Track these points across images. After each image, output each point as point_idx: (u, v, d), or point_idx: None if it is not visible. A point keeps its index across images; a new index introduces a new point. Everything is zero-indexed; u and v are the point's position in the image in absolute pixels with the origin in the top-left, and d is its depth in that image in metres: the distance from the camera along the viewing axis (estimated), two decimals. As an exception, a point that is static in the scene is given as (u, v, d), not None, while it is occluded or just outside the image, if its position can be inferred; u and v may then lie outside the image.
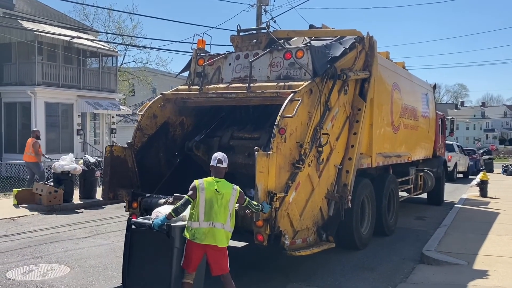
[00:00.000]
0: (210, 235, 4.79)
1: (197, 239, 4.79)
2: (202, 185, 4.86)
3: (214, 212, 4.80)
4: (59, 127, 21.16)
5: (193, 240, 4.80)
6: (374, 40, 8.14)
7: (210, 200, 4.80)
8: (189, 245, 4.87)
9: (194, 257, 4.87)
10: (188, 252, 4.88)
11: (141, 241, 5.27)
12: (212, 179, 4.95)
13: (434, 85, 14.34)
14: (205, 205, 4.79)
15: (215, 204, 4.81)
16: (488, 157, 32.46)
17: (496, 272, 6.62)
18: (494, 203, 13.73)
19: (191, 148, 7.67)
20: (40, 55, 20.72)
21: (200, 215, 4.79)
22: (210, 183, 4.90)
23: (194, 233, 4.80)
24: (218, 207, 4.82)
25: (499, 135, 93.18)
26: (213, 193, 4.83)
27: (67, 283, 6.14)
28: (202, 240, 4.79)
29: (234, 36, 7.89)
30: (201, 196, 4.81)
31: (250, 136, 7.46)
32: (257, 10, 19.03)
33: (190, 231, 4.83)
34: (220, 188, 4.88)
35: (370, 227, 8.47)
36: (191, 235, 4.82)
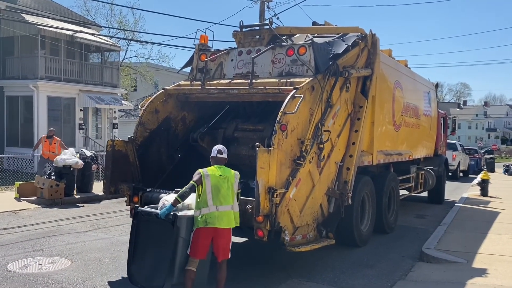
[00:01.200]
0: (221, 218, 4.97)
1: (210, 223, 4.93)
2: (206, 172, 5.06)
3: (222, 196, 5.01)
4: (61, 121, 21.17)
5: (206, 225, 4.93)
6: (377, 38, 8.13)
7: (216, 185, 5.01)
8: (196, 232, 4.98)
9: (201, 244, 4.99)
10: (196, 239, 4.99)
11: (147, 230, 5.38)
12: (214, 167, 5.19)
13: (437, 84, 14.32)
14: (212, 190, 4.99)
15: (221, 188, 5.03)
16: (489, 156, 32.44)
17: (495, 270, 6.64)
18: (495, 203, 13.73)
19: (196, 139, 7.72)
20: (42, 49, 20.72)
21: (209, 200, 4.97)
22: (213, 170, 5.13)
23: (206, 218, 4.95)
24: (225, 190, 5.04)
25: (501, 134, 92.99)
26: (218, 178, 5.06)
27: (67, 276, 6.18)
28: (215, 223, 4.95)
29: (237, 32, 7.88)
30: (207, 182, 5.00)
31: (254, 128, 7.50)
32: (260, 6, 19.01)
33: (201, 218, 4.96)
34: (223, 173, 5.14)
35: (370, 224, 8.48)
36: (202, 221, 4.95)
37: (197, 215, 5.02)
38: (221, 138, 7.68)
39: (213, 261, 5.25)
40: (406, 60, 11.47)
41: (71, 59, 21.98)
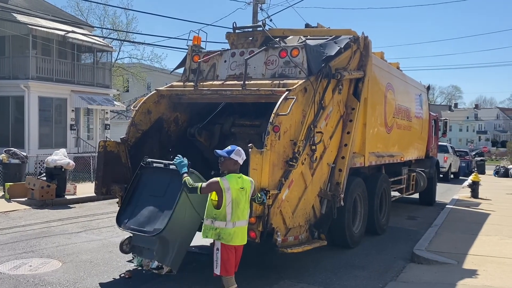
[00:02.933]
0: (236, 236, 4.68)
1: (223, 239, 4.65)
2: (227, 186, 4.63)
3: (240, 211, 4.68)
4: (53, 122, 21.06)
5: (218, 240, 4.67)
6: (369, 40, 8.18)
7: (236, 200, 4.66)
8: (225, 251, 4.68)
9: (231, 258, 4.73)
10: (225, 255, 4.69)
11: (148, 179, 5.71)
12: (234, 176, 4.73)
13: (428, 86, 14.42)
14: (232, 205, 4.64)
15: (241, 203, 4.68)
16: (480, 158, 32.71)
17: (486, 271, 6.70)
18: (485, 204, 13.85)
19: (193, 134, 7.75)
20: (34, 49, 20.59)
21: (227, 215, 4.63)
22: (233, 181, 4.68)
23: (220, 233, 4.65)
24: (243, 204, 4.72)
25: (491, 137, 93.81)
26: (238, 191, 4.68)
27: (58, 278, 6.13)
28: (229, 241, 4.66)
29: (230, 34, 7.90)
30: (228, 196, 4.62)
31: (251, 124, 7.52)
32: (253, 8, 19.04)
33: (214, 230, 4.66)
34: (242, 184, 4.74)
35: (362, 225, 8.52)
36: (215, 234, 4.66)
37: (208, 224, 4.72)
38: (218, 133, 7.76)
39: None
40: (398, 62, 11.54)
41: (63, 59, 21.85)
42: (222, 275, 4.73)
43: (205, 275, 6.42)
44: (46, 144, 20.04)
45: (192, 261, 7.14)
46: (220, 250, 4.69)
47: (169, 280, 6.18)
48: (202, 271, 6.68)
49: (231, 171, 4.77)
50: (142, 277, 6.32)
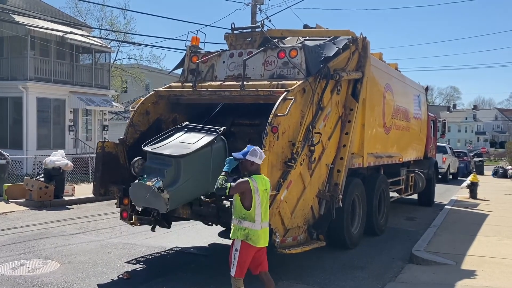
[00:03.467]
0: (263, 237, 4.70)
1: (251, 240, 4.63)
2: (256, 186, 4.62)
3: (264, 212, 4.71)
4: (51, 123, 21.03)
5: (246, 240, 4.63)
6: (368, 41, 8.18)
7: (263, 201, 4.69)
8: (244, 251, 4.64)
9: (249, 261, 4.71)
10: (244, 257, 4.65)
11: (182, 135, 6.24)
12: (259, 177, 4.74)
13: (427, 87, 14.44)
14: (261, 206, 4.64)
15: (264, 204, 4.72)
16: (479, 159, 32.75)
17: (484, 272, 6.70)
18: (484, 205, 13.86)
19: None
20: (32, 50, 20.56)
21: (256, 216, 4.62)
22: (260, 183, 4.68)
23: (248, 233, 4.62)
24: (265, 206, 4.74)
25: (490, 138, 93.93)
26: (263, 192, 4.69)
27: (56, 279, 6.12)
28: (257, 242, 4.66)
29: (228, 34, 7.89)
30: (257, 198, 4.61)
31: (251, 123, 7.51)
32: (252, 9, 19.04)
33: (243, 230, 4.63)
34: (265, 185, 4.76)
35: (361, 226, 8.52)
36: (244, 235, 4.63)
37: (237, 224, 4.67)
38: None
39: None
40: (397, 63, 11.55)
41: (61, 60, 21.83)
42: (235, 277, 4.70)
43: (203, 276, 6.42)
44: (44, 145, 20.01)
45: (190, 262, 7.14)
46: (239, 251, 4.65)
47: (168, 281, 6.17)
48: (200, 272, 6.68)
49: (251, 172, 4.76)
50: (141, 278, 6.31)
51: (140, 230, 8.70)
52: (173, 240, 8.47)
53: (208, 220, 6.54)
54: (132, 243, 8.19)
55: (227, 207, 6.06)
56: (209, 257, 7.53)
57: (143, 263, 7.01)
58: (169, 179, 5.61)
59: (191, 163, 5.74)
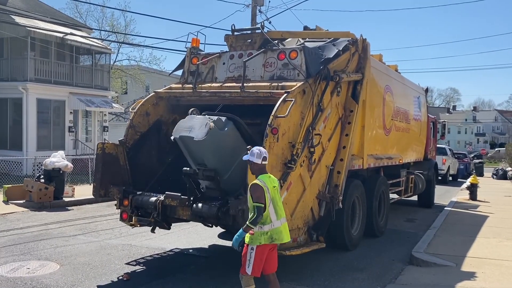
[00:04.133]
0: (284, 232, 4.78)
1: (276, 239, 4.71)
2: (266, 185, 4.70)
3: (279, 208, 4.80)
4: (51, 124, 21.02)
5: (272, 242, 4.69)
6: (367, 43, 8.19)
7: (274, 199, 4.76)
8: (260, 250, 4.67)
9: (264, 259, 4.76)
10: (260, 256, 4.69)
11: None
12: (265, 176, 4.82)
13: (426, 89, 14.44)
14: (273, 204, 4.72)
15: (278, 201, 4.80)
16: (478, 161, 32.74)
17: (484, 274, 6.70)
18: (483, 206, 13.86)
19: None
20: (32, 51, 20.57)
21: (272, 215, 4.70)
22: (267, 181, 4.76)
23: (272, 235, 4.68)
24: (280, 202, 4.84)
25: (489, 139, 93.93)
26: (273, 189, 4.77)
27: (56, 280, 6.11)
28: (281, 239, 4.74)
29: (229, 36, 7.90)
30: (268, 197, 4.68)
31: (252, 122, 7.51)
32: (252, 10, 19.06)
33: (266, 234, 4.67)
34: (274, 183, 4.85)
35: (361, 228, 8.51)
36: (268, 238, 4.68)
37: (258, 230, 4.67)
38: None
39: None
40: (397, 65, 11.57)
41: (61, 61, 21.84)
42: (252, 275, 4.73)
43: (203, 278, 6.41)
44: (44, 146, 20.00)
45: (190, 264, 7.13)
46: (255, 250, 4.69)
47: (168, 282, 6.17)
48: (200, 273, 6.67)
49: (255, 172, 4.87)
50: (140, 279, 6.31)
51: (140, 231, 8.70)
52: (173, 241, 8.47)
53: (208, 221, 6.53)
54: (132, 244, 8.19)
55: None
56: (209, 258, 7.52)
57: (143, 265, 7.01)
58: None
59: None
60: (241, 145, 6.19)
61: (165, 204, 6.38)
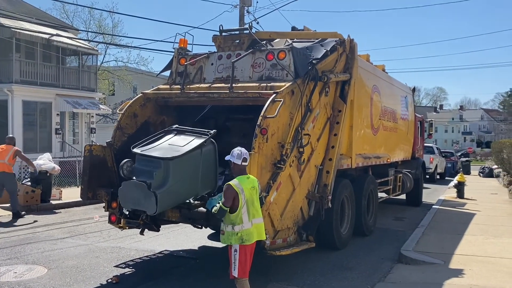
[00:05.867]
0: (255, 232, 4.79)
1: (246, 241, 4.73)
2: (240, 187, 4.72)
3: (255, 209, 4.81)
4: (37, 126, 20.78)
5: (242, 243, 4.71)
6: (355, 43, 8.24)
7: (250, 199, 4.77)
8: (242, 250, 4.73)
9: (248, 259, 4.80)
10: (244, 258, 4.75)
11: (171, 138, 6.10)
12: (243, 177, 4.85)
13: (414, 88, 14.57)
14: (247, 205, 4.73)
15: (254, 201, 4.81)
16: (465, 159, 33.14)
17: (471, 271, 6.77)
18: (471, 204, 14.03)
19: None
20: (17, 53, 20.31)
21: (244, 216, 4.71)
22: (244, 182, 4.78)
23: (242, 236, 4.72)
24: (256, 203, 4.84)
25: (476, 138, 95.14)
26: (250, 190, 4.78)
27: (44, 284, 6.04)
28: (251, 240, 4.76)
29: (217, 36, 7.89)
30: (242, 198, 4.70)
31: (245, 117, 7.52)
32: (240, 11, 19.05)
33: (236, 235, 4.71)
34: (252, 183, 4.86)
35: (350, 227, 8.56)
36: (238, 238, 4.72)
37: (229, 230, 4.75)
38: (212, 127, 7.75)
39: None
40: (384, 65, 11.65)
41: (47, 63, 21.60)
42: (239, 277, 4.76)
43: (193, 279, 6.39)
44: (30, 148, 19.73)
45: (180, 265, 7.10)
46: (238, 252, 4.73)
47: (157, 285, 6.13)
48: (190, 275, 6.65)
49: (235, 173, 4.91)
50: (130, 282, 6.26)
51: (129, 233, 8.64)
52: (162, 243, 8.42)
53: (198, 223, 6.51)
54: (121, 247, 8.12)
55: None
56: (199, 260, 7.50)
57: (132, 267, 6.96)
58: (158, 181, 5.55)
59: (180, 165, 5.70)
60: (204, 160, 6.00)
61: (154, 206, 6.33)
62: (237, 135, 7.57)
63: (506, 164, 20.42)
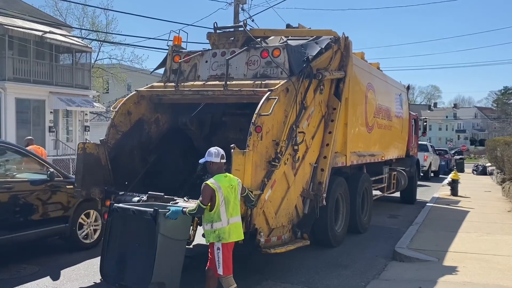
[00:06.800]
0: (233, 232, 4.83)
1: (223, 239, 4.78)
2: (218, 185, 4.78)
3: (231, 207, 4.84)
4: (31, 124, 20.67)
5: (219, 241, 4.77)
6: (350, 41, 8.23)
7: (227, 197, 4.81)
8: (225, 248, 4.80)
9: (231, 256, 4.87)
10: (226, 254, 4.82)
11: (122, 227, 5.27)
12: (221, 176, 4.90)
13: (408, 86, 14.60)
14: (224, 203, 4.78)
15: (231, 200, 4.83)
16: (459, 157, 33.32)
17: (465, 268, 6.80)
18: (464, 202, 14.10)
19: (185, 123, 7.85)
20: (10, 50, 20.18)
21: (222, 214, 4.77)
22: (222, 180, 4.85)
23: (219, 234, 4.77)
24: (233, 201, 4.86)
25: (470, 136, 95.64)
26: (228, 189, 4.83)
27: (37, 283, 6.00)
28: (227, 239, 4.79)
29: (211, 34, 7.85)
30: (220, 196, 4.76)
31: (242, 112, 7.51)
32: (235, 8, 19.00)
33: (213, 233, 4.78)
34: (230, 181, 4.90)
35: (344, 225, 8.57)
36: (215, 236, 4.78)
37: (208, 229, 4.84)
38: (209, 122, 7.92)
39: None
40: (378, 63, 11.65)
41: (40, 60, 21.47)
42: (224, 275, 4.82)
43: (188, 278, 6.36)
44: (24, 146, 19.63)
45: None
46: (221, 250, 4.80)
47: (151, 283, 6.10)
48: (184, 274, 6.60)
49: (213, 172, 4.97)
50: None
51: (123, 232, 8.58)
52: (156, 241, 8.38)
53: (192, 220, 6.48)
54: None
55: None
56: (193, 258, 7.46)
57: (126, 265, 6.91)
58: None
59: (160, 267, 5.00)
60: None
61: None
62: (233, 130, 7.59)
63: (500, 162, 20.51)
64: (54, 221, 7.15)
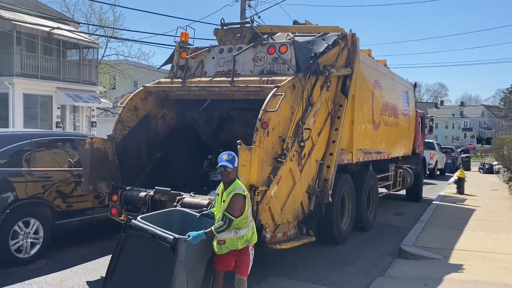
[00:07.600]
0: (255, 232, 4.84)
1: (253, 241, 4.79)
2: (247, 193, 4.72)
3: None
4: (38, 119, 20.81)
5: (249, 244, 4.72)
6: (357, 38, 8.21)
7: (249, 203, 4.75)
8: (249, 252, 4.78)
9: None
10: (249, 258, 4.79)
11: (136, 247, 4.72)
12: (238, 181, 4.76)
13: (415, 84, 14.53)
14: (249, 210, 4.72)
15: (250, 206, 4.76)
16: (465, 155, 33.14)
17: (471, 266, 6.79)
18: (471, 200, 14.04)
19: (193, 117, 7.94)
20: (18, 46, 20.30)
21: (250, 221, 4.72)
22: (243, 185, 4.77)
23: (247, 239, 4.69)
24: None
25: (476, 134, 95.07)
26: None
27: (44, 276, 6.06)
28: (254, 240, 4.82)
29: (218, 30, 7.86)
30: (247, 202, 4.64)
31: (249, 107, 7.52)
32: (241, 4, 19.00)
33: (241, 239, 4.64)
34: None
35: (350, 222, 8.57)
36: (244, 242, 4.66)
37: (233, 236, 4.57)
38: (217, 117, 7.97)
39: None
40: (385, 60, 11.60)
41: (48, 56, 21.59)
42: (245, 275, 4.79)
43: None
44: (31, 141, 19.77)
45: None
46: (253, 250, 4.81)
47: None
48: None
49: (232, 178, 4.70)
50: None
51: (129, 227, 8.63)
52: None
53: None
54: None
55: None
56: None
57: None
58: None
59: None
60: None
61: (155, 199, 6.35)
62: (241, 125, 7.61)
63: (507, 161, 20.40)
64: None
